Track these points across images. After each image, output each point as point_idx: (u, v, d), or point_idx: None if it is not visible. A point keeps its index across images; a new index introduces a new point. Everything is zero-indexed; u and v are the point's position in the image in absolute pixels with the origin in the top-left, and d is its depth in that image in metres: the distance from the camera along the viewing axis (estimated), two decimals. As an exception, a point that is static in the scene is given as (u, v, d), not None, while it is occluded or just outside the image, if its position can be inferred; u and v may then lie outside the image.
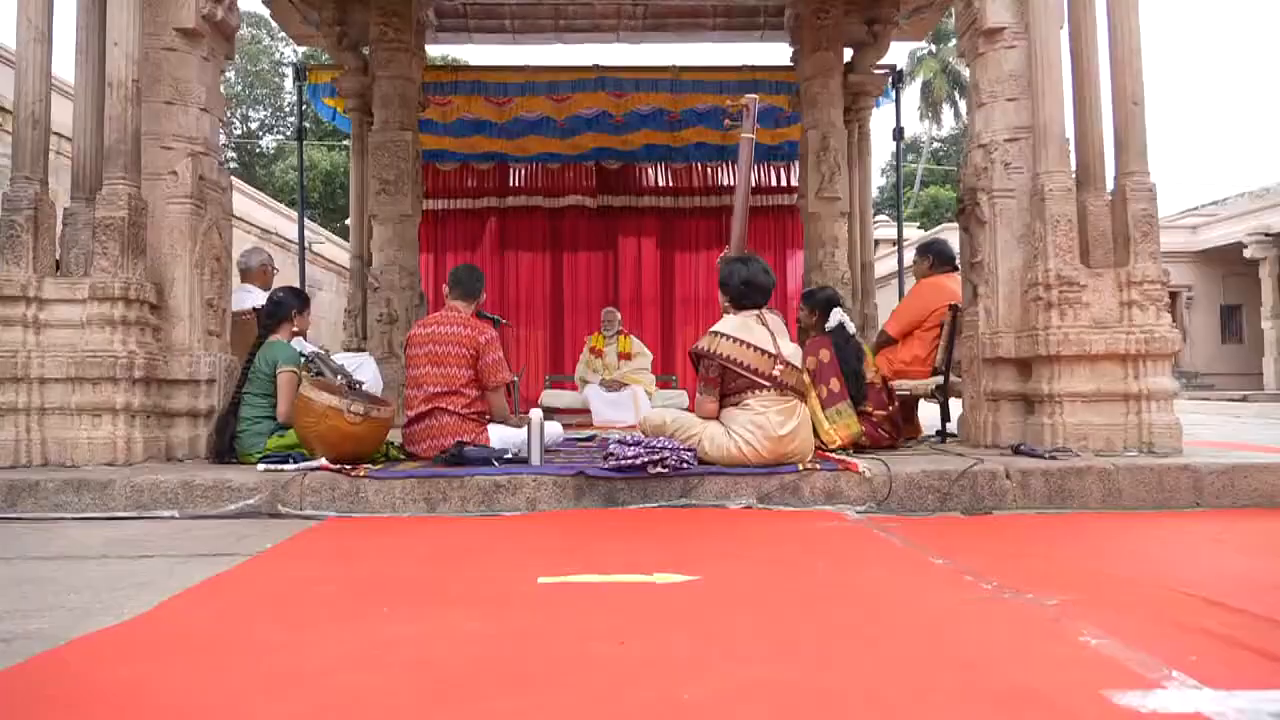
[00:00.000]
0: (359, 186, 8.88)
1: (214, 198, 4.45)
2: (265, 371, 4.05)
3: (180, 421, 4.23)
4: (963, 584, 2.25)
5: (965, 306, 4.72)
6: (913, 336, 5.19)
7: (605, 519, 3.30)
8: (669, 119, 10.09)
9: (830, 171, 8.23)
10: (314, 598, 2.15)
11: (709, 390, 3.68)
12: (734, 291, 3.73)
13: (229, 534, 3.07)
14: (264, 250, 5.23)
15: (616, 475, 3.47)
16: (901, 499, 3.53)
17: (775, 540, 2.92)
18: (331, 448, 3.68)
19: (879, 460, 3.75)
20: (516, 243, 11.16)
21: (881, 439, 4.45)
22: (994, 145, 4.44)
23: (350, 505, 3.46)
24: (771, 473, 3.53)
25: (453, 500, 3.48)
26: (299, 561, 2.63)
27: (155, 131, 4.28)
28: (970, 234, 4.61)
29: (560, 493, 3.50)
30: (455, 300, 4.32)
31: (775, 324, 3.73)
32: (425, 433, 4.10)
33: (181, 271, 4.26)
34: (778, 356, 3.61)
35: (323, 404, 3.64)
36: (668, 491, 3.50)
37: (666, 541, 2.88)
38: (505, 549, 2.79)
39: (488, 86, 9.59)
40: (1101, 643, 1.70)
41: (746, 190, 4.33)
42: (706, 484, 3.51)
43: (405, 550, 2.79)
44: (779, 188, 11.05)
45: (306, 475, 3.50)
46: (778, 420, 3.56)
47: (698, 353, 3.67)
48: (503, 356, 4.20)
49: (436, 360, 4.13)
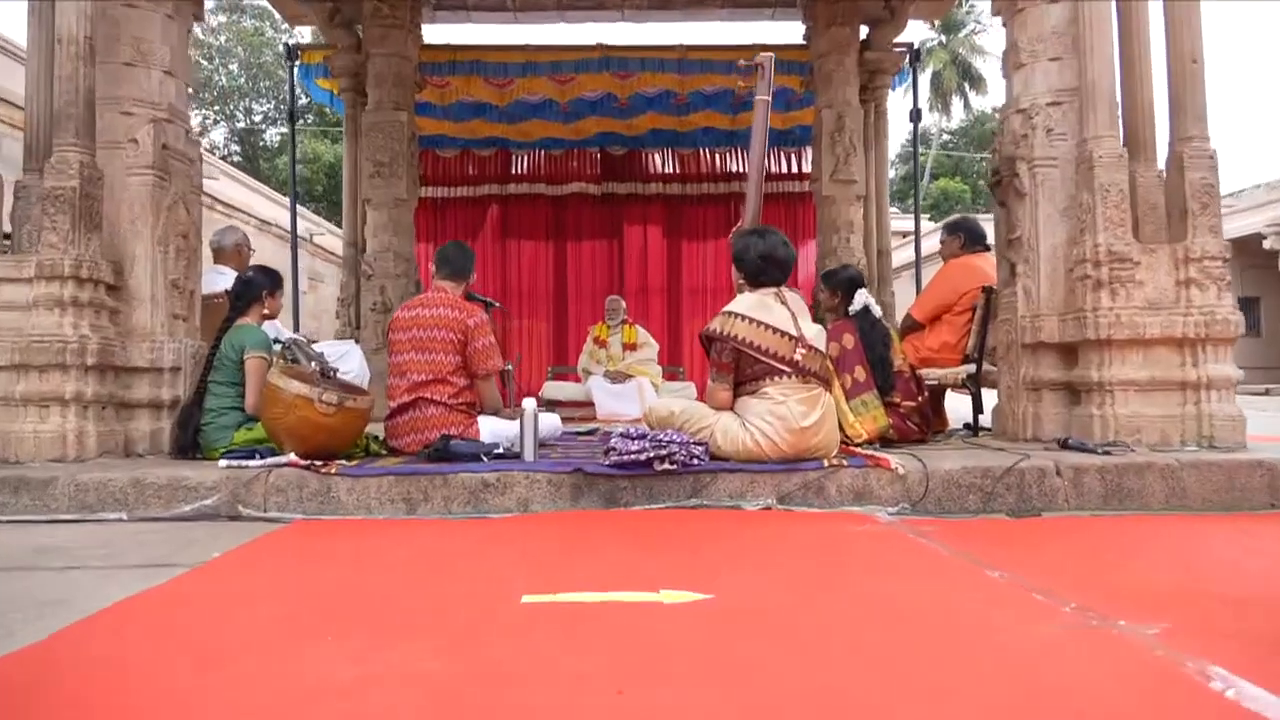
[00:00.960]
0: (352, 170, 8.51)
1: (180, 169, 4.07)
2: (232, 358, 3.67)
3: (141, 414, 3.86)
4: (1033, 605, 1.86)
5: (1001, 288, 4.32)
6: (941, 321, 4.79)
7: (605, 522, 2.92)
8: (675, 102, 9.71)
9: (845, 153, 7.85)
10: (246, 622, 1.77)
11: (722, 377, 3.28)
12: (750, 267, 3.34)
13: (178, 539, 2.70)
14: (239, 229, 4.85)
15: (618, 472, 3.09)
16: (939, 499, 3.14)
17: (800, 548, 2.53)
18: (302, 442, 3.30)
19: (912, 456, 3.36)
20: (519, 231, 10.83)
21: (910, 432, 4.06)
22: (1035, 109, 4.03)
23: (320, 506, 3.09)
24: (793, 469, 3.14)
25: (435, 501, 3.10)
26: (245, 574, 2.25)
27: (114, 96, 3.90)
28: (1008, 208, 4.21)
29: (555, 492, 3.11)
30: (443, 280, 3.94)
31: (796, 303, 3.34)
32: (408, 425, 3.73)
33: (143, 249, 3.89)
34: (799, 339, 3.21)
35: (292, 393, 3.27)
36: (676, 491, 3.11)
37: (675, 549, 2.49)
38: (488, 558, 2.41)
39: (487, 67, 9.19)
40: (1237, 690, 1.32)
41: (762, 159, 3.94)
42: (719, 482, 3.12)
43: (373, 560, 2.41)
44: (790, 174, 10.66)
45: (272, 473, 3.13)
46: (799, 410, 3.17)
47: (709, 335, 3.27)
48: (494, 342, 3.82)
49: (421, 346, 3.75)
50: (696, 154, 10.89)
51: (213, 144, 31.71)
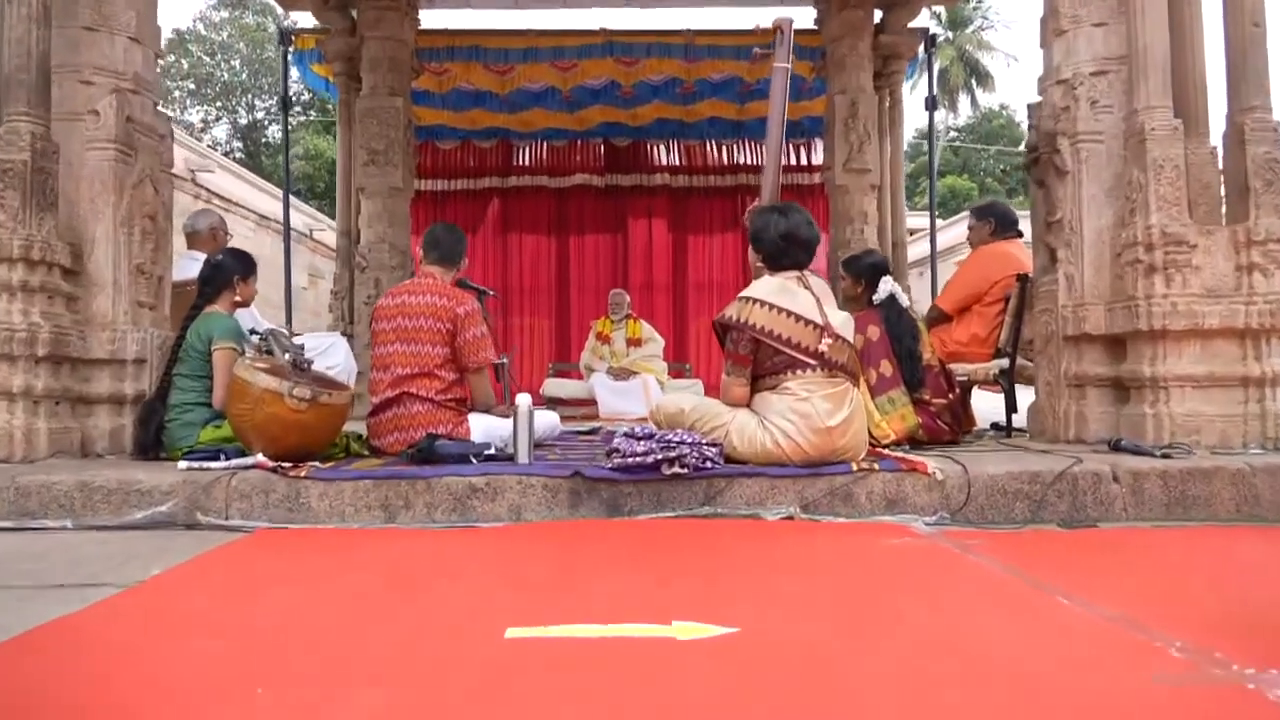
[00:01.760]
0: (346, 158, 8.19)
1: (147, 144, 3.75)
2: (198, 349, 3.34)
3: (100, 410, 3.53)
4: (1131, 646, 1.52)
5: (1039, 276, 3.97)
6: (970, 313, 4.44)
7: (607, 533, 2.59)
8: (681, 91, 9.39)
9: (859, 141, 7.51)
10: (158, 669, 1.43)
11: (738, 370, 2.94)
12: (770, 247, 2.99)
13: (120, 552, 2.37)
14: (214, 212, 4.52)
15: (622, 477, 2.75)
16: (982, 508, 2.80)
17: (833, 566, 2.20)
18: (271, 441, 2.97)
19: (949, 458, 3.02)
20: (520, 225, 10.53)
21: (941, 432, 3.72)
22: (1078, 79, 3.69)
23: (288, 514, 2.76)
24: (817, 474, 2.80)
25: (417, 508, 2.77)
26: (180, 599, 1.92)
27: (72, 63, 3.58)
28: (1046, 188, 3.86)
29: (552, 498, 2.78)
30: (431, 265, 3.60)
31: (820, 288, 3.00)
32: (392, 423, 3.39)
33: (104, 230, 3.56)
34: (825, 328, 2.87)
35: (260, 387, 2.93)
36: (687, 497, 2.77)
37: (687, 567, 2.16)
38: (471, 579, 2.08)
39: (487, 52, 8.84)
40: None
41: (781, 131, 3.60)
42: (735, 488, 2.78)
43: (337, 580, 2.08)
44: (801, 166, 10.32)
45: (235, 476, 2.79)
46: (825, 408, 2.83)
47: (724, 323, 2.93)
48: (486, 333, 3.49)
49: (406, 336, 3.42)
50: (703, 145, 10.58)
51: (215, 140, 31.45)
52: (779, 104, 3.57)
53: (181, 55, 31.50)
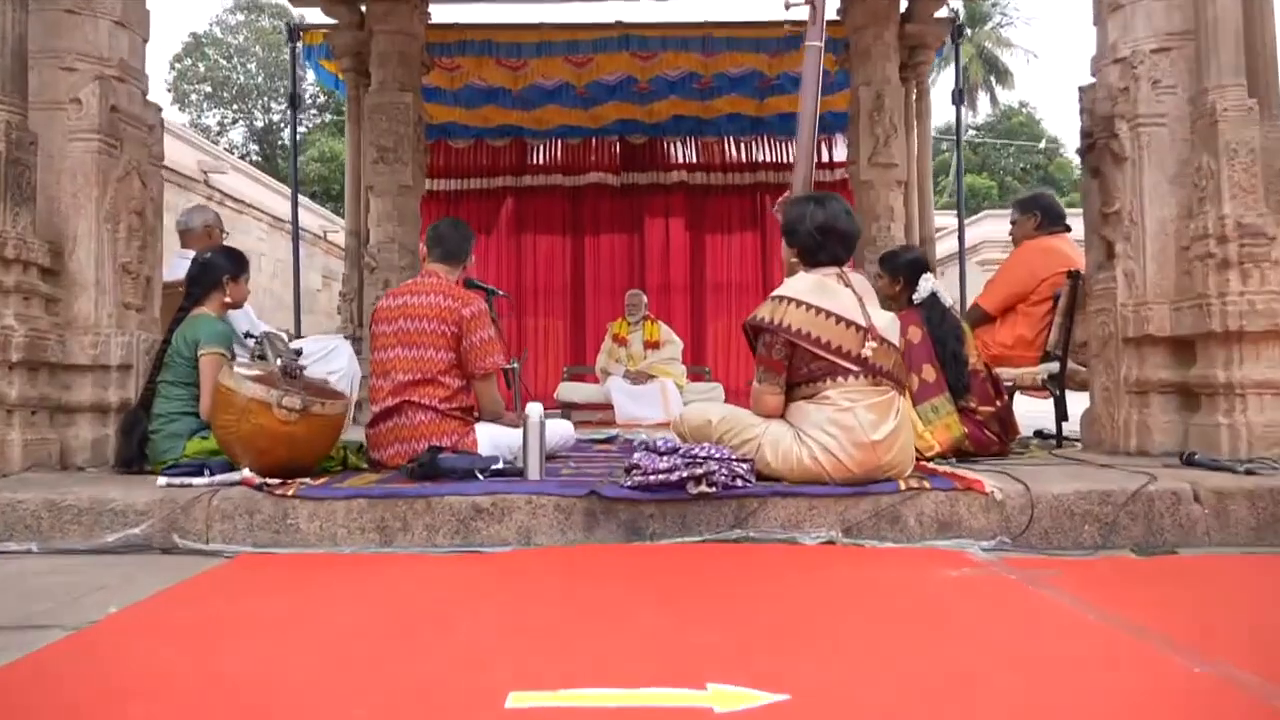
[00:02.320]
0: (355, 156, 7.97)
1: (134, 136, 3.51)
2: (184, 354, 3.09)
3: (82, 419, 3.29)
4: (1268, 715, 1.23)
5: (1093, 272, 3.66)
6: (1015, 313, 4.13)
7: (627, 561, 2.31)
8: (699, 86, 9.13)
9: (885, 135, 7.20)
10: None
11: (771, 377, 2.65)
12: (806, 240, 2.70)
13: (83, 583, 2.11)
14: (209, 208, 4.29)
15: (643, 496, 2.47)
16: (1046, 531, 2.50)
17: (888, 604, 1.91)
18: (260, 454, 2.71)
19: (1006, 474, 2.72)
20: (534, 225, 10.30)
21: (989, 443, 3.41)
22: (1137, 58, 3.37)
23: (274, 536, 2.50)
24: (861, 493, 2.51)
25: (416, 530, 2.50)
26: (135, 646, 1.65)
27: (52, 48, 3.34)
28: (1102, 177, 3.55)
29: (565, 520, 2.50)
30: (435, 263, 3.34)
31: (861, 285, 2.71)
32: (392, 434, 3.13)
33: (86, 227, 3.33)
34: (869, 330, 2.58)
35: (245, 396, 2.68)
36: (715, 520, 2.49)
37: (720, 606, 1.88)
38: (471, 622, 1.80)
39: (499, 47, 8.60)
40: None
41: (814, 115, 3.32)
42: (769, 509, 2.50)
43: (318, 622, 1.81)
44: (823, 163, 9.98)
45: (217, 494, 2.54)
46: (869, 419, 2.53)
47: (756, 325, 2.64)
48: (494, 336, 3.22)
49: (408, 340, 3.15)
50: (721, 142, 10.30)
51: (231, 143, 31.51)
52: (812, 85, 3.29)
53: (198, 59, 31.59)
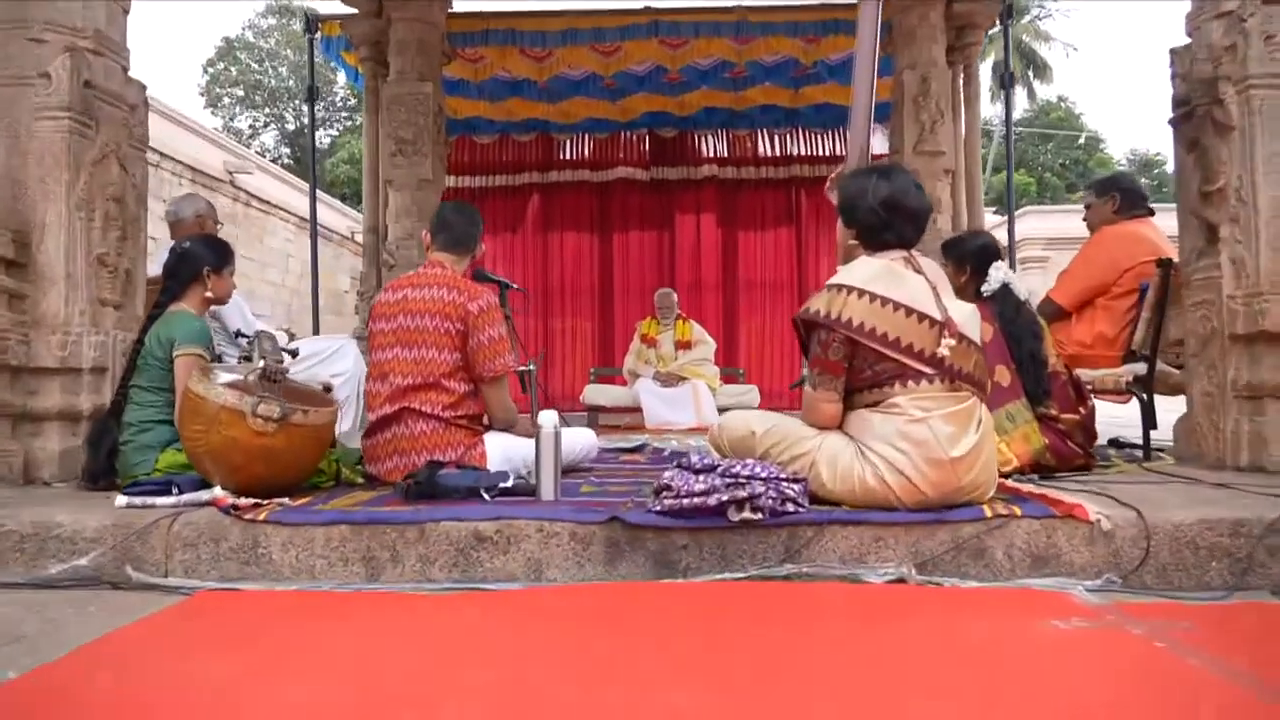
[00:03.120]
0: (373, 149, 7.66)
1: (112, 115, 3.18)
2: (158, 355, 2.75)
3: (49, 428, 2.97)
4: None
5: (1190, 260, 3.19)
6: (1094, 307, 3.66)
7: (655, 605, 1.91)
8: (731, 75, 8.75)
9: (931, 121, 6.75)
10: None
11: (827, 382, 2.23)
12: (868, 219, 2.27)
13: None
14: (200, 197, 3.95)
15: (675, 523, 2.07)
16: (1164, 567, 2.06)
17: (985, 670, 1.48)
18: (233, 471, 2.35)
19: (1107, 497, 2.28)
20: (561, 222, 10.02)
21: (1072, 456, 2.96)
22: (1247, 8, 2.91)
23: (243, 568, 2.13)
24: (939, 520, 2.09)
25: (407, 562, 2.12)
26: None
27: (19, 19, 3.02)
28: (1201, 150, 3.09)
29: (582, 551, 2.11)
30: (440, 253, 2.97)
31: (934, 272, 2.28)
32: (390, 445, 2.76)
33: (56, 214, 3.00)
34: (946, 324, 2.15)
35: (216, 404, 2.32)
36: (761, 551, 2.08)
37: (772, 670, 1.46)
38: (462, 699, 1.41)
39: (523, 36, 8.25)
40: None
41: (871, 77, 2.88)
42: (826, 539, 2.08)
43: (269, 695, 1.43)
44: (860, 155, 9.51)
45: (178, 518, 2.18)
46: (946, 432, 2.11)
47: (809, 320, 2.22)
48: (505, 334, 2.84)
49: (408, 339, 2.79)
50: (753, 135, 9.91)
51: (263, 146, 31.72)
52: (870, 39, 2.86)
53: (230, 63, 31.87)
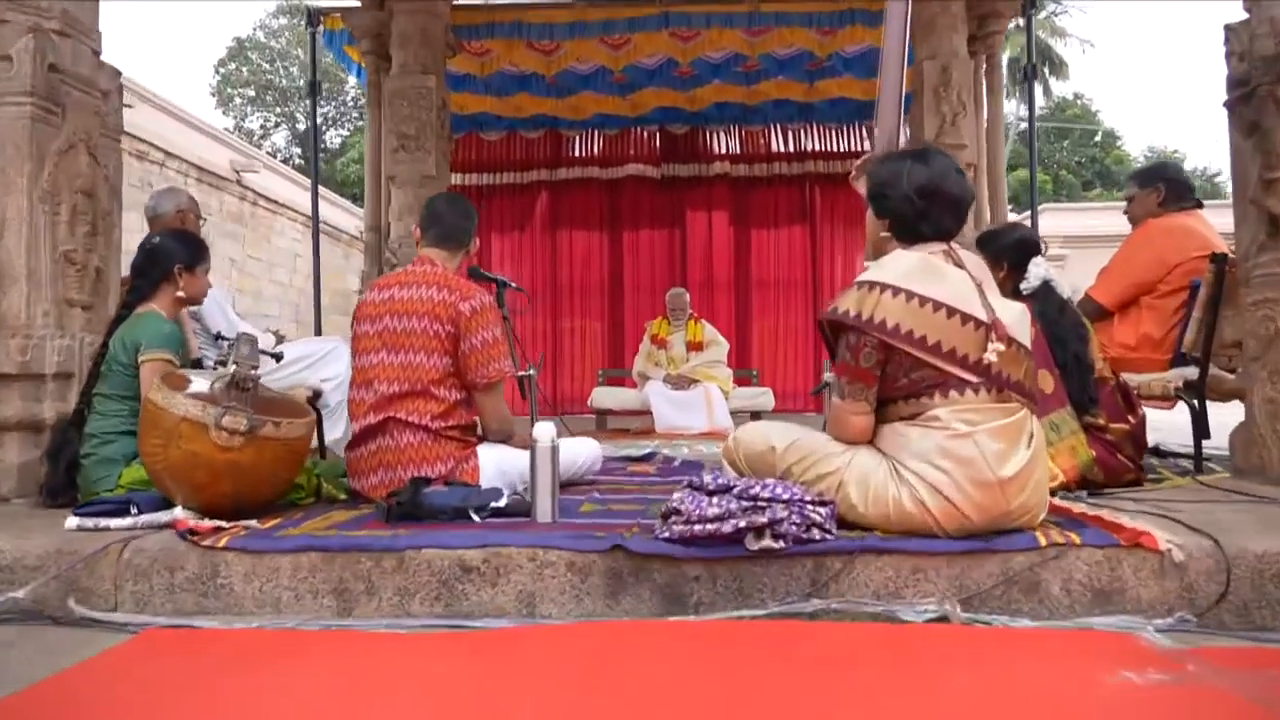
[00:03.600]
0: (375, 144, 7.44)
1: (82, 102, 2.96)
2: (123, 360, 2.53)
3: (9, 439, 2.73)
4: None
5: (1248, 254, 2.91)
6: (1138, 307, 3.39)
7: (663, 646, 1.66)
8: (743, 69, 8.52)
9: (952, 113, 6.46)
10: None
11: (858, 392, 1.96)
12: (902, 208, 2.01)
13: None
14: (182, 191, 3.72)
15: (685, 552, 1.82)
16: (1245, 605, 1.80)
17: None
18: (196, 489, 2.13)
19: (1175, 520, 2.01)
20: (570, 220, 9.83)
21: (1121, 470, 2.69)
22: (1317, -21, 2.65)
23: (200, 600, 1.90)
24: (985, 550, 1.83)
25: (384, 594, 1.88)
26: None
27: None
28: (1262, 133, 2.81)
29: (580, 583, 1.87)
30: (430, 248, 2.73)
31: (977, 267, 2.02)
32: (375, 459, 2.53)
33: (17, 207, 2.78)
34: (993, 326, 1.89)
35: (175, 415, 2.09)
36: (784, 585, 1.83)
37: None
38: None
39: (530, 28, 8.03)
40: None
41: (902, 49, 2.62)
42: (858, 571, 1.83)
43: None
44: (874, 151, 9.25)
45: (129, 545, 1.95)
46: (994, 449, 1.85)
47: (837, 321, 1.97)
48: (500, 337, 2.60)
49: (394, 342, 2.55)
50: (766, 131, 9.64)
51: (275, 146, 31.73)
52: (900, 8, 2.59)
53: (241, 63, 31.89)
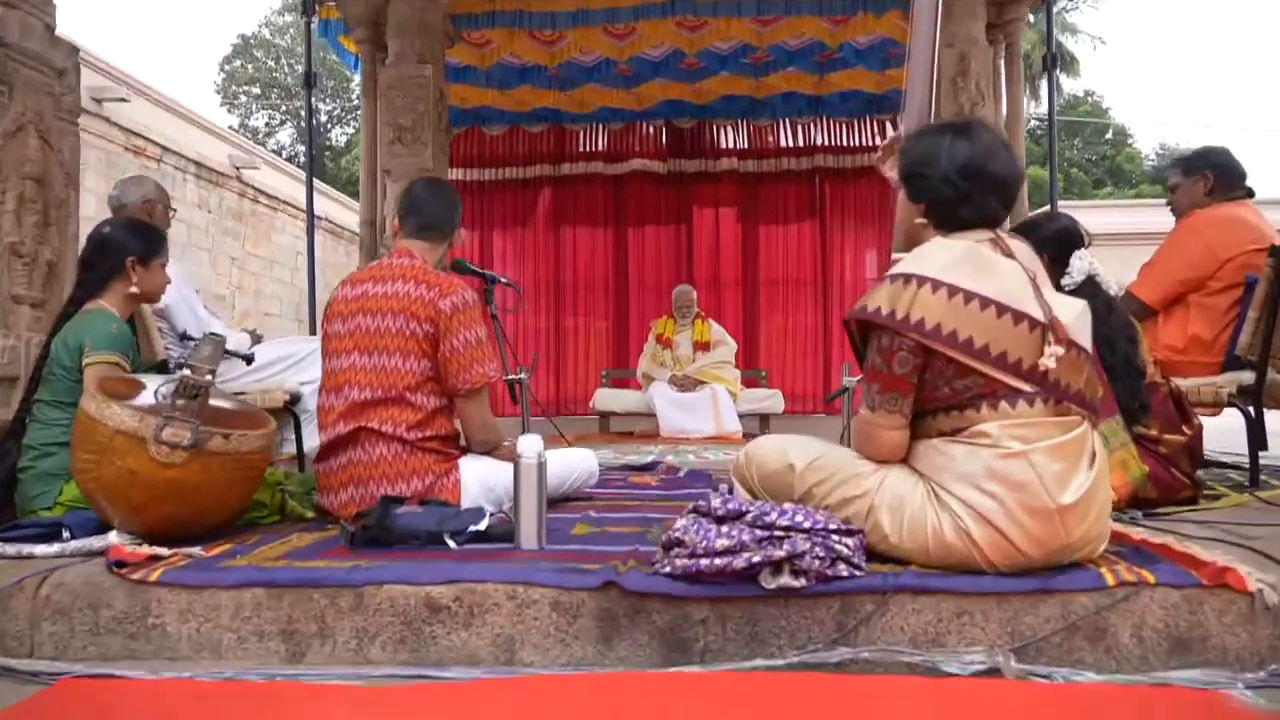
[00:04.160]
0: (370, 136, 7.19)
1: (33, 80, 2.72)
2: (65, 364, 2.27)
3: (-55, 450, 2.51)
4: None
5: (1314, 247, 2.65)
6: (1185, 305, 3.10)
7: (663, 703, 1.40)
8: (752, 60, 8.30)
9: (971, 103, 6.16)
10: None
11: (890, 402, 1.67)
12: (940, 190, 1.71)
13: None
14: (149, 180, 3.46)
15: (690, 590, 1.56)
16: (1350, 655, 1.53)
17: None
18: (134, 511, 1.87)
19: (1254, 551, 1.74)
20: (574, 217, 9.65)
21: (1177, 487, 2.42)
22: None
23: (128, 643, 1.64)
24: (1043, 589, 1.55)
25: (340, 637, 1.62)
26: None
27: (-84, -37, 2.57)
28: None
29: (568, 625, 1.60)
30: (408, 239, 2.47)
31: (1028, 257, 1.74)
32: (345, 474, 2.26)
33: (-43, 196, 2.55)
34: (1052, 326, 1.61)
35: (110, 427, 1.84)
36: (805, 629, 1.56)
37: None
38: None
39: (532, 18, 7.77)
40: None
41: (935, 6, 2.34)
42: (892, 613, 1.56)
43: None
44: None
45: (49, 577, 1.70)
46: (1053, 470, 1.57)
47: (867, 319, 1.68)
48: (485, 338, 2.34)
49: (367, 344, 2.29)
50: (775, 125, 9.36)
51: (279, 144, 31.63)
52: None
53: (246, 60, 31.83)
